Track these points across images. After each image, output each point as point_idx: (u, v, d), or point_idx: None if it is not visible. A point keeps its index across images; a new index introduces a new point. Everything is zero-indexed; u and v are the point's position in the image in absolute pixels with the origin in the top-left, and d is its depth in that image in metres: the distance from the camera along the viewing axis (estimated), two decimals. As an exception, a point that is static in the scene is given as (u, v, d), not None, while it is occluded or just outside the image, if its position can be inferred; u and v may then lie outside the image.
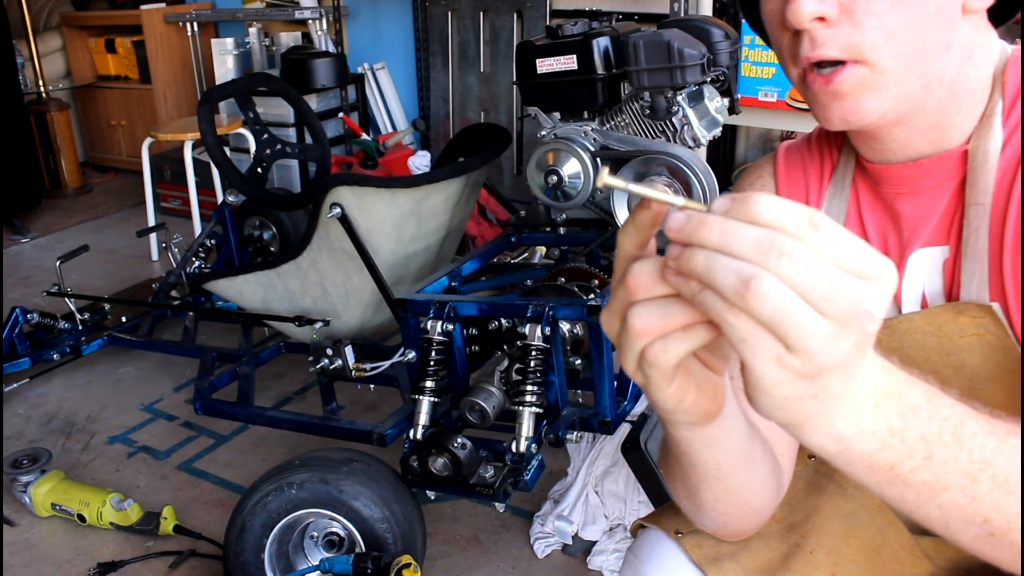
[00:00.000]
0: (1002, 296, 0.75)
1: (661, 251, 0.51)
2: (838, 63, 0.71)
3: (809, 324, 0.44)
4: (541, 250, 2.42)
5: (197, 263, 2.73)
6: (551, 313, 1.61)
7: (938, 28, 0.71)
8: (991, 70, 0.77)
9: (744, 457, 0.71)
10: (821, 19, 0.70)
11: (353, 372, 1.97)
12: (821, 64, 0.72)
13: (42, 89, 4.69)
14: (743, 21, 0.97)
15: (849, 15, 0.69)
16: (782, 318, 0.44)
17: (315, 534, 1.73)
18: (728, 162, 3.57)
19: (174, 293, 2.79)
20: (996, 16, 0.78)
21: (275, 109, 3.83)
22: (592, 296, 1.82)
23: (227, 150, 3.02)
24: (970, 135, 0.77)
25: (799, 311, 0.44)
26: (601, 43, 1.85)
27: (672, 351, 0.50)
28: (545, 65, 1.89)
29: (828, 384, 0.48)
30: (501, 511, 2.05)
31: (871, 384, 0.51)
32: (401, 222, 2.06)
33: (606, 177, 0.49)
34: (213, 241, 2.76)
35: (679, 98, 1.81)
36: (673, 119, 1.83)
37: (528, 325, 1.61)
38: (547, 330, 1.60)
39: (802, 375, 0.46)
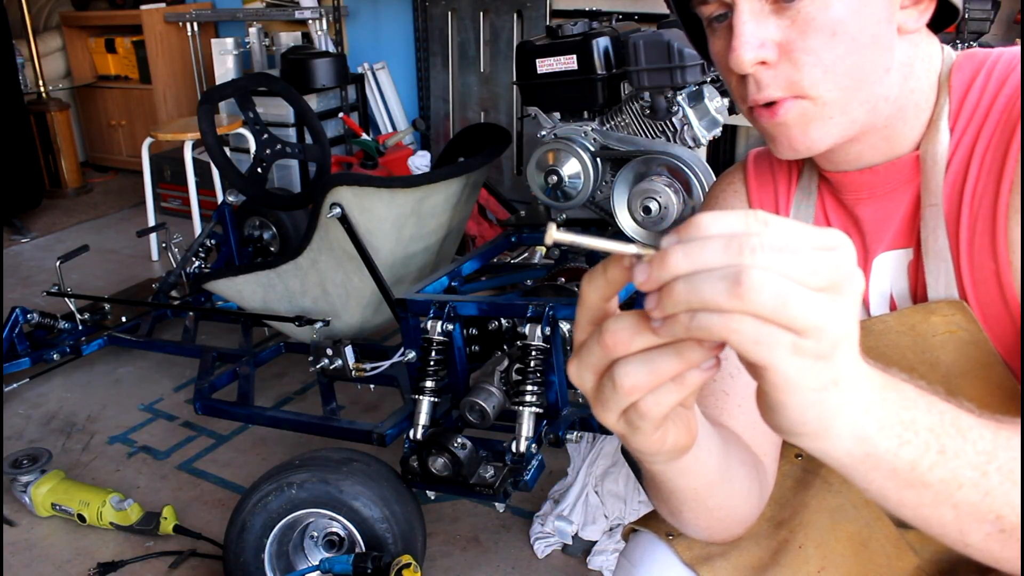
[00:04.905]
0: (963, 295, 0.77)
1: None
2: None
3: (810, 300, 0.44)
4: (541, 250, 2.42)
5: (197, 263, 2.73)
6: (551, 313, 1.61)
7: (876, 55, 0.73)
8: (934, 78, 0.79)
9: (721, 477, 0.71)
10: (763, 63, 0.72)
11: (353, 372, 1.97)
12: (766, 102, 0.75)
13: (42, 89, 4.69)
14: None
15: (787, 55, 0.72)
16: (783, 301, 0.43)
17: (315, 534, 1.73)
18: (728, 162, 3.57)
19: (174, 293, 2.79)
20: (936, 23, 0.79)
21: (275, 109, 3.83)
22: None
23: (227, 150, 3.02)
24: (919, 140, 0.79)
25: (795, 291, 0.43)
26: (601, 43, 1.85)
27: (664, 402, 0.50)
28: (545, 65, 1.89)
29: (844, 364, 0.48)
30: (501, 511, 2.04)
31: (869, 377, 0.51)
32: (401, 222, 2.06)
33: (555, 234, 0.48)
34: (213, 241, 2.76)
35: (679, 98, 1.81)
36: (673, 119, 1.83)
37: (528, 325, 1.61)
38: (547, 330, 1.60)
39: (820, 355, 0.46)
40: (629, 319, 0.49)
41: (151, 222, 3.71)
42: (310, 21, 4.34)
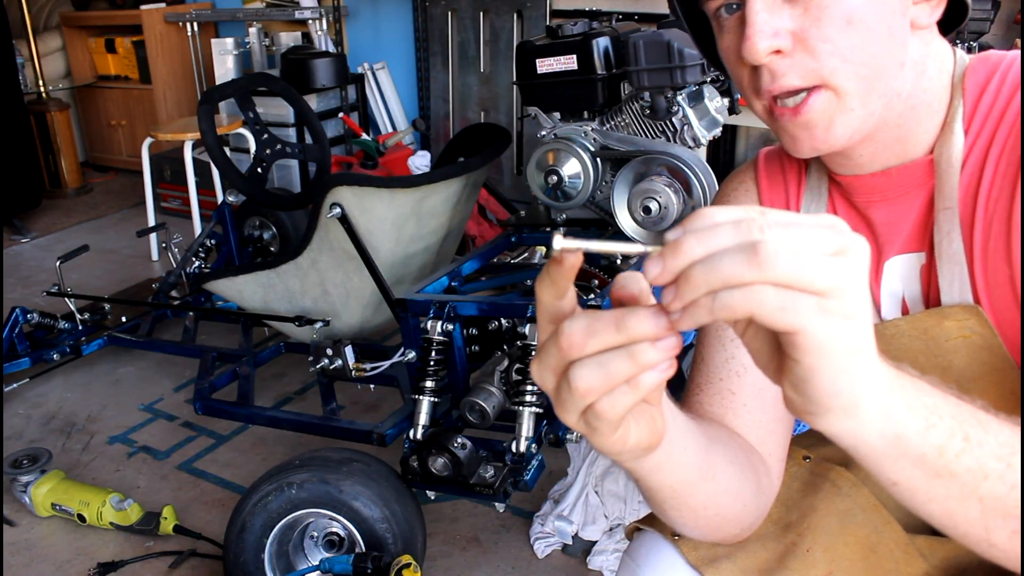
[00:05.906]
0: (976, 300, 0.76)
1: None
2: (801, 91, 0.73)
3: (825, 262, 0.45)
4: (541, 250, 2.42)
5: (197, 263, 2.73)
6: (551, 313, 1.60)
7: (891, 47, 0.73)
8: (947, 80, 0.79)
9: (701, 475, 0.70)
10: (777, 52, 0.71)
11: (353, 372, 1.96)
12: (785, 95, 0.74)
13: (42, 89, 4.69)
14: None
15: (803, 44, 0.71)
16: (801, 264, 0.44)
17: (315, 534, 1.73)
18: (728, 162, 3.57)
19: (174, 293, 2.79)
20: (945, 24, 0.79)
21: (275, 109, 3.83)
22: (592, 296, 1.82)
23: (227, 150, 3.02)
24: (933, 143, 0.78)
25: (811, 255, 0.45)
26: (601, 43, 1.85)
27: (620, 404, 0.50)
28: (545, 65, 1.89)
29: (867, 332, 0.48)
30: (501, 511, 2.04)
31: (883, 365, 0.52)
32: (401, 222, 2.06)
33: (562, 241, 0.48)
34: (213, 241, 2.76)
35: (679, 98, 1.81)
36: (673, 119, 1.83)
37: (528, 325, 1.61)
38: (547, 330, 1.60)
39: (847, 316, 0.46)
40: (583, 321, 0.49)
41: (151, 222, 3.71)
42: (310, 21, 4.34)
